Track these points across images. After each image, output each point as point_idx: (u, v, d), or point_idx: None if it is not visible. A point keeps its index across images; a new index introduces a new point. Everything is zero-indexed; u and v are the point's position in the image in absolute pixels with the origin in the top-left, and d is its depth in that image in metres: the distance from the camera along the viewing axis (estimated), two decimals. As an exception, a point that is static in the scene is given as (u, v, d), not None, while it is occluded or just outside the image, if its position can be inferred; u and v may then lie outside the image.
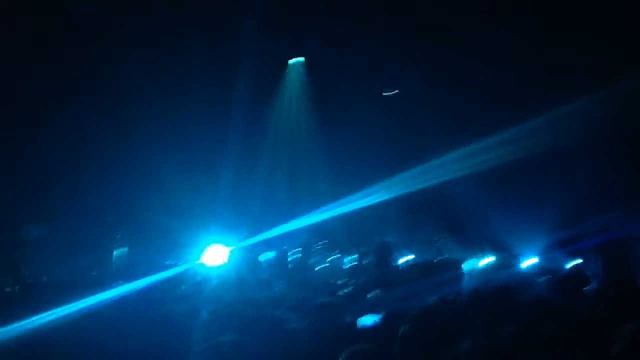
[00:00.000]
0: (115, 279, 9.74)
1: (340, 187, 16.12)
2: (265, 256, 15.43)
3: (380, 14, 14.25)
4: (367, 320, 5.02)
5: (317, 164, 18.38)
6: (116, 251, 12.92)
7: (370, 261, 14.06)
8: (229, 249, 14.07)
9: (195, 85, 14.84)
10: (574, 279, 10.07)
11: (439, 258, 13.57)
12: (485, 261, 13.96)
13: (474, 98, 14.64)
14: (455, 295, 6.55)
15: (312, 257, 15.26)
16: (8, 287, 8.36)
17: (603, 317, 3.32)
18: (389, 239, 13.98)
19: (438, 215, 15.03)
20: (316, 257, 15.47)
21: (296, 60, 18.50)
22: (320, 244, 15.82)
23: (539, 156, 12.76)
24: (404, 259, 14.80)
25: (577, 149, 12.31)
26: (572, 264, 12.15)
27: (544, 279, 11.68)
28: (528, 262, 13.10)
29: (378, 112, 16.42)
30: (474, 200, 14.02)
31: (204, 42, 14.71)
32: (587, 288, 9.17)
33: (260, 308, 6.00)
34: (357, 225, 16.03)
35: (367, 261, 14.28)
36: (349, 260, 16.07)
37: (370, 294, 10.35)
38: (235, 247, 14.17)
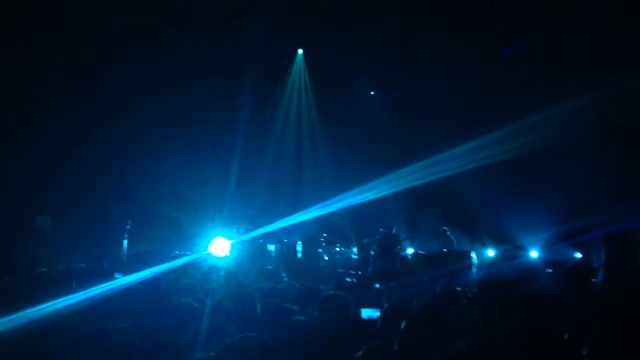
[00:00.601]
0: (124, 269, 9.80)
1: (345, 179, 16.15)
2: (273, 247, 15.53)
3: (382, 9, 14.21)
4: (371, 313, 5.03)
5: (322, 156, 18.42)
6: (125, 241, 13.02)
7: (375, 252, 14.10)
8: (232, 242, 14.16)
9: (202, 79, 14.87)
10: (581, 270, 10.08)
11: (445, 249, 13.62)
12: (490, 253, 14.00)
13: (479, 93, 14.61)
14: (461, 288, 6.53)
15: (319, 249, 15.33)
16: (14, 276, 8.40)
17: (614, 310, 3.30)
18: (394, 230, 13.97)
19: (443, 207, 15.02)
20: (323, 248, 15.55)
21: (299, 53, 18.55)
22: (326, 235, 15.87)
23: (543, 150, 12.74)
24: (409, 250, 14.85)
25: (581, 142, 12.27)
26: (573, 257, 12.18)
27: (549, 271, 11.72)
28: (532, 254, 13.14)
29: (383, 105, 16.42)
30: (478, 193, 14.02)
31: (211, 35, 14.74)
32: (594, 280, 9.18)
33: (266, 298, 6.02)
34: (362, 217, 16.05)
35: (372, 252, 14.32)
36: (355, 252, 16.14)
37: (377, 285, 10.40)
38: (238, 239, 14.25)
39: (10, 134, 13.11)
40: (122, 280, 6.75)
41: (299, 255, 15.17)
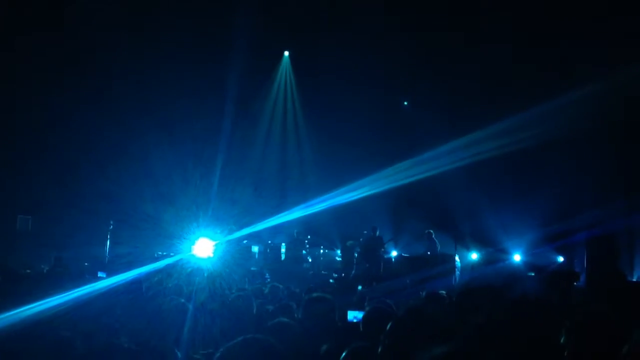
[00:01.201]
0: (106, 269, 9.71)
1: (329, 180, 16.15)
2: (257, 248, 15.49)
3: (370, 9, 14.24)
4: (356, 314, 5.04)
5: (307, 157, 18.42)
6: (108, 241, 12.89)
7: (359, 254, 14.13)
8: (216, 242, 14.10)
9: (187, 78, 14.79)
10: (563, 274, 10.19)
11: (429, 252, 13.66)
12: (473, 256, 14.08)
13: (464, 92, 14.67)
14: (445, 291, 6.56)
15: (303, 250, 15.32)
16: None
17: (597, 315, 3.33)
18: (377, 233, 14.00)
19: (426, 209, 15.07)
20: (307, 250, 15.54)
21: (285, 55, 18.58)
22: (310, 237, 15.86)
23: (527, 151, 12.83)
24: (393, 253, 14.90)
25: (565, 143, 12.36)
26: (555, 261, 12.30)
27: (532, 274, 11.83)
28: (515, 258, 13.24)
29: (366, 106, 16.45)
30: (462, 195, 14.09)
31: (196, 36, 14.67)
32: (576, 283, 9.29)
33: (249, 300, 5.99)
34: (346, 219, 16.07)
35: (356, 254, 14.35)
36: (338, 254, 16.16)
37: (361, 287, 10.43)
38: (221, 240, 14.19)
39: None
40: (104, 282, 6.68)
41: (283, 257, 15.15)
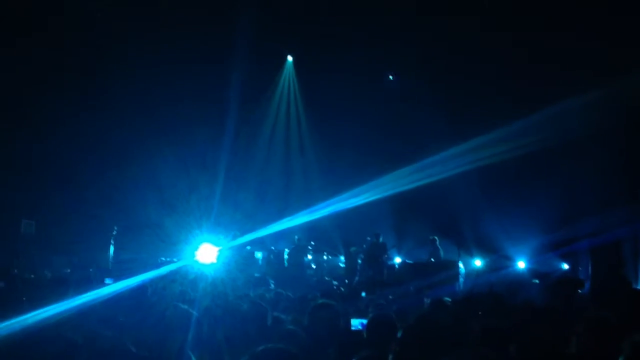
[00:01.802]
0: (110, 275, 9.72)
1: (333, 185, 16.15)
2: (260, 254, 15.49)
3: (374, 12, 14.26)
4: (359, 322, 5.04)
5: (311, 162, 18.44)
6: (112, 247, 12.92)
7: (363, 261, 14.11)
8: (219, 248, 14.11)
9: (191, 84, 14.83)
10: (568, 282, 10.15)
11: (433, 259, 13.64)
12: (477, 263, 14.06)
13: (468, 97, 14.68)
14: (449, 298, 6.55)
15: (306, 257, 15.30)
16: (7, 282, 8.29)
17: (601, 322, 3.34)
18: (381, 239, 13.98)
19: (430, 215, 15.05)
20: (310, 256, 15.52)
21: (288, 60, 18.63)
22: (314, 243, 15.85)
23: (531, 156, 12.81)
24: (397, 259, 14.88)
25: (569, 152, 12.34)
26: (559, 268, 12.26)
27: (536, 281, 11.80)
28: (519, 265, 13.21)
29: (371, 111, 16.48)
30: (466, 200, 14.06)
31: (199, 41, 14.71)
32: (581, 291, 9.25)
33: (255, 306, 5.99)
34: (350, 225, 16.05)
35: (360, 261, 14.32)
36: (342, 260, 16.14)
37: (364, 294, 10.41)
38: (224, 246, 14.20)
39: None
40: (108, 288, 6.69)
41: (287, 263, 15.12)
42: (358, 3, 14.14)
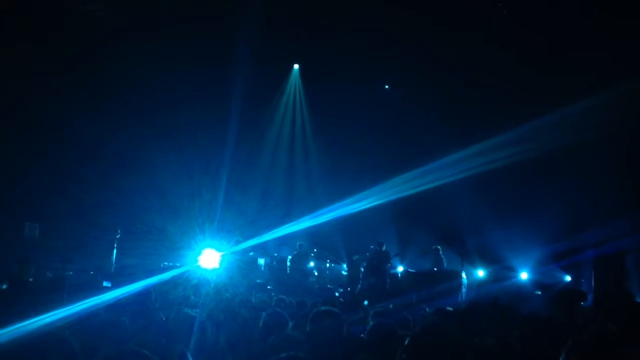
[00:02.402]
0: (112, 279, 9.73)
1: (337, 192, 16.16)
2: (263, 260, 15.49)
3: (377, 19, 14.31)
4: (360, 331, 5.04)
5: (314, 169, 18.46)
6: (114, 251, 12.92)
7: (365, 269, 14.09)
8: (222, 254, 14.12)
9: (195, 90, 14.87)
10: (570, 293, 10.12)
11: (436, 268, 13.62)
12: (480, 273, 14.02)
13: (470, 105, 14.69)
14: (451, 308, 6.55)
15: (309, 264, 15.31)
16: (4, 285, 8.30)
17: (604, 335, 3.32)
18: (384, 248, 13.97)
19: (433, 223, 15.02)
20: (313, 263, 15.53)
21: (295, 68, 18.71)
22: (316, 250, 15.85)
23: (534, 168, 12.79)
24: (399, 268, 14.85)
25: (572, 161, 12.31)
26: (562, 280, 12.21)
27: (539, 293, 11.77)
28: (522, 276, 13.16)
29: (374, 117, 16.51)
30: (469, 209, 14.03)
31: (204, 47, 14.77)
32: (583, 303, 9.23)
33: (257, 312, 6.00)
34: (353, 232, 16.05)
35: (362, 269, 14.31)
36: (345, 268, 16.13)
37: (366, 302, 10.39)
38: (227, 251, 14.21)
39: (1, 142, 13.04)
40: (111, 294, 6.70)
41: (289, 270, 15.13)
42: (362, 10, 14.18)
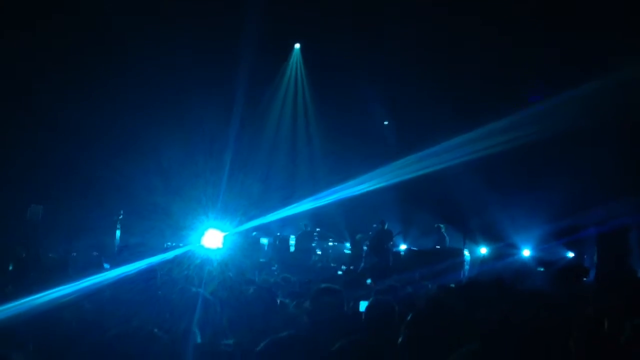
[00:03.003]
0: (115, 260, 9.75)
1: (339, 172, 16.16)
2: (266, 240, 15.55)
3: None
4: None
5: (317, 149, 18.44)
6: (118, 232, 12.99)
7: (368, 248, 14.14)
8: (225, 234, 14.17)
9: (197, 71, 14.81)
10: (573, 270, 10.14)
11: (439, 246, 13.66)
12: (482, 251, 14.05)
13: (473, 85, 14.60)
14: (456, 284, 6.57)
15: (312, 243, 15.36)
16: (9, 265, 8.34)
17: (605, 310, 3.33)
18: (386, 226, 14.00)
19: (436, 203, 15.04)
20: (316, 243, 15.57)
21: (296, 47, 18.57)
22: (319, 230, 15.89)
23: (537, 144, 12.73)
24: (402, 246, 14.90)
25: (575, 140, 12.27)
26: (565, 256, 12.23)
27: (541, 269, 11.80)
28: (524, 253, 13.20)
29: (376, 98, 16.43)
30: (471, 188, 14.03)
31: (206, 28, 14.67)
32: (586, 279, 9.25)
33: (260, 292, 6.03)
34: (356, 212, 16.08)
35: (365, 248, 14.36)
36: (347, 247, 16.19)
37: (369, 281, 10.43)
38: (230, 232, 14.26)
39: (3, 124, 13.03)
40: (114, 272, 6.72)
41: (292, 249, 15.19)
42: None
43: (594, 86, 11.24)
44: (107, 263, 8.72)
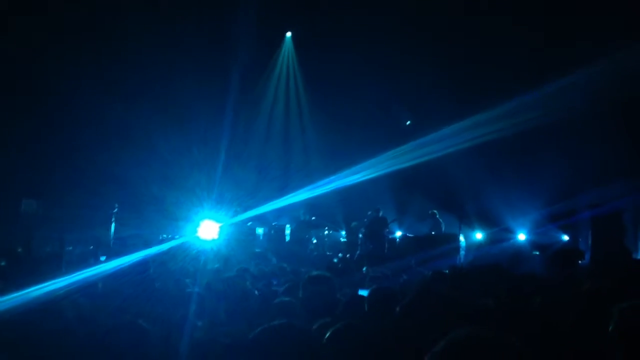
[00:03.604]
0: (110, 252, 9.75)
1: (334, 161, 16.13)
2: (261, 230, 15.54)
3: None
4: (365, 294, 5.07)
5: (311, 139, 18.40)
6: (113, 224, 12.95)
7: (364, 235, 14.14)
8: (220, 225, 14.15)
9: (190, 62, 14.74)
10: (568, 253, 10.18)
11: (434, 232, 13.68)
12: (478, 236, 14.09)
13: (469, 72, 14.56)
14: (451, 269, 6.57)
15: (307, 232, 15.36)
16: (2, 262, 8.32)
17: (599, 291, 3.33)
18: (381, 213, 13.99)
19: (431, 189, 15.04)
20: (311, 232, 15.57)
21: (287, 36, 18.48)
22: (315, 218, 15.88)
23: (531, 130, 12.73)
24: (398, 233, 14.91)
25: (569, 124, 12.27)
26: (560, 240, 12.26)
27: (537, 253, 11.84)
28: (520, 237, 13.24)
29: (371, 86, 16.37)
30: (466, 174, 14.03)
31: (199, 17, 14.58)
32: (581, 262, 9.29)
33: (255, 281, 6.04)
34: (351, 200, 16.07)
35: (360, 235, 14.36)
36: (343, 235, 16.19)
37: (365, 268, 10.45)
38: (226, 222, 14.24)
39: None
40: (109, 264, 6.71)
41: (288, 238, 15.18)
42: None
43: (588, 71, 11.23)
44: (103, 255, 8.74)
